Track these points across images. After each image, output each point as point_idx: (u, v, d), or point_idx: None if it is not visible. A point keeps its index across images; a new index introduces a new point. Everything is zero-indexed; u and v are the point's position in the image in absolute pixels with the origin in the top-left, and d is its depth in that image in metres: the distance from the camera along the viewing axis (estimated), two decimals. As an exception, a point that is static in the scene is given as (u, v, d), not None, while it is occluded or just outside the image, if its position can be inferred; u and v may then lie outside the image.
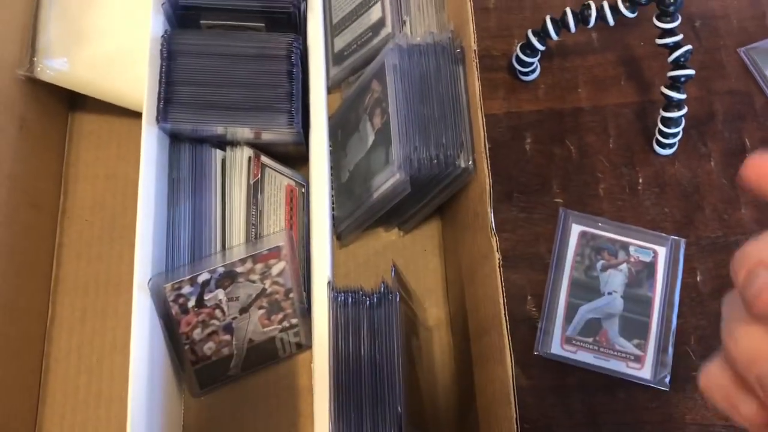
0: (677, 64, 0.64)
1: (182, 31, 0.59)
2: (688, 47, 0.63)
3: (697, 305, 0.66)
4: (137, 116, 0.56)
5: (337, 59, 0.70)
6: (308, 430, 0.60)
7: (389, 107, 0.57)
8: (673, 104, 0.66)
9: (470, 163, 0.56)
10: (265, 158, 0.62)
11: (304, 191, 0.65)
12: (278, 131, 0.57)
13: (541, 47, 0.68)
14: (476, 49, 0.55)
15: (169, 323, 0.54)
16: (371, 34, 0.66)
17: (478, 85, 0.55)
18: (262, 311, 0.58)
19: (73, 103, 0.71)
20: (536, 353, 0.64)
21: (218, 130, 0.57)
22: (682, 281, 0.66)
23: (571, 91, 0.74)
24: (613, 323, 0.64)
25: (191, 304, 0.54)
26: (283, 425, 0.60)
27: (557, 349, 0.64)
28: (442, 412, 0.62)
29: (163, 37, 0.57)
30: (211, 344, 0.57)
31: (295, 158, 0.65)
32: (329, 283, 0.52)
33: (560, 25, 0.66)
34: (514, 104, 0.73)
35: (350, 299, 0.51)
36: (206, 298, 0.55)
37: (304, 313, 0.60)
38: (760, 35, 0.76)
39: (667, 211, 0.69)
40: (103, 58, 0.65)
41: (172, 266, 0.56)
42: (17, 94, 0.61)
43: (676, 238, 0.67)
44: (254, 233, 0.59)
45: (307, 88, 0.59)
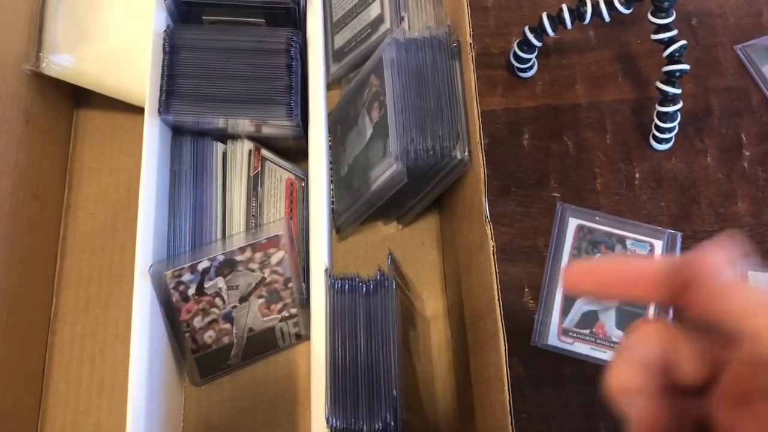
0: (672, 59, 0.64)
1: (184, 25, 0.60)
2: (682, 42, 0.64)
3: (693, 298, 0.66)
4: (141, 112, 0.57)
5: (337, 56, 0.71)
6: (306, 419, 0.60)
7: (387, 100, 0.58)
8: (668, 99, 0.66)
9: (466, 154, 0.56)
10: (265, 151, 0.63)
11: (304, 185, 0.66)
12: (277, 123, 0.58)
13: (537, 43, 0.69)
14: (472, 42, 0.56)
15: (169, 311, 0.55)
16: (370, 30, 0.67)
17: (474, 78, 0.55)
18: (261, 300, 0.59)
19: (78, 99, 0.72)
20: (533, 344, 0.64)
21: (219, 122, 0.58)
22: (678, 274, 0.66)
23: (568, 87, 0.75)
24: (609, 315, 0.65)
25: (191, 291, 0.55)
26: (281, 414, 0.61)
27: (554, 340, 0.64)
28: (439, 401, 0.62)
29: (165, 31, 0.58)
30: (211, 332, 0.58)
31: (295, 153, 0.67)
32: (326, 270, 0.53)
33: (556, 21, 0.67)
34: (512, 101, 0.74)
35: (347, 286, 0.52)
36: (206, 286, 0.56)
37: (303, 304, 0.61)
38: (756, 33, 0.76)
39: (663, 205, 0.70)
40: (108, 54, 0.66)
41: (173, 256, 0.57)
42: (23, 88, 0.62)
43: (672, 231, 0.68)
44: (254, 225, 0.60)
45: (306, 82, 0.60)
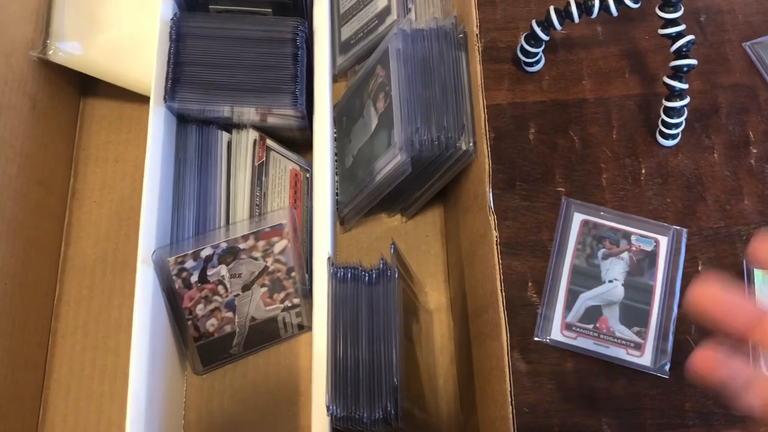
0: (680, 54, 0.64)
1: (191, 14, 0.61)
2: (690, 37, 0.63)
3: (698, 294, 0.65)
4: (148, 102, 0.57)
5: (343, 48, 0.71)
6: (307, 409, 0.60)
7: (392, 90, 0.58)
8: (675, 94, 0.66)
9: (471, 145, 0.56)
10: (270, 142, 0.63)
11: (308, 176, 0.66)
12: (282, 112, 0.58)
13: (545, 37, 0.69)
14: (478, 33, 0.56)
15: (172, 298, 0.55)
16: (377, 22, 0.67)
17: (479, 68, 0.55)
18: (264, 289, 0.59)
19: (85, 87, 0.73)
20: (536, 339, 0.64)
21: (224, 110, 0.58)
22: (683, 270, 0.66)
23: (575, 82, 0.74)
24: (613, 310, 0.65)
25: (194, 279, 0.55)
26: (282, 403, 0.61)
27: (557, 335, 0.64)
28: (441, 393, 0.62)
29: (172, 19, 0.58)
30: (213, 321, 0.58)
31: (300, 144, 0.67)
32: (329, 258, 0.53)
33: (564, 15, 0.67)
34: (518, 95, 0.74)
35: (349, 275, 0.52)
36: (209, 273, 0.56)
37: (306, 294, 0.61)
38: (765, 30, 0.76)
39: (669, 201, 0.69)
40: (115, 43, 0.66)
41: (176, 243, 0.57)
42: (30, 74, 0.62)
43: (678, 228, 0.67)
44: (258, 215, 0.60)
45: (312, 72, 0.60)
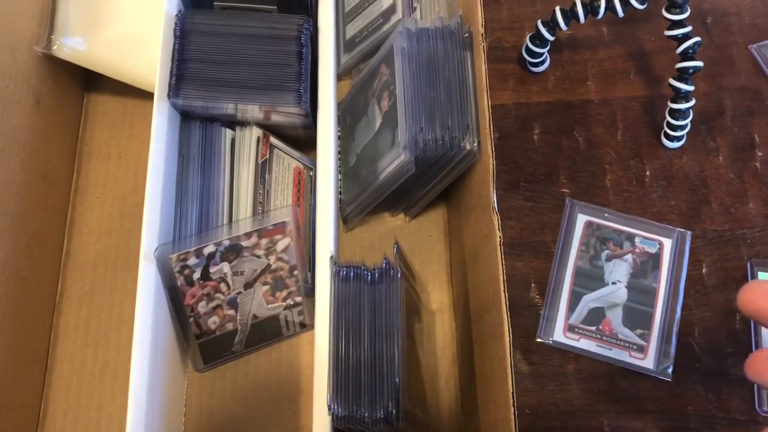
0: (685, 55, 0.64)
1: (196, 10, 0.60)
2: (696, 39, 0.63)
3: (701, 297, 0.65)
4: (152, 98, 0.57)
5: (347, 46, 0.71)
6: (308, 407, 0.60)
7: (396, 89, 0.58)
8: (681, 95, 0.66)
9: (475, 145, 0.56)
10: (273, 139, 0.63)
11: (312, 174, 0.66)
12: (286, 110, 0.58)
13: (550, 37, 0.69)
14: (483, 33, 0.56)
15: (174, 294, 0.55)
16: (382, 20, 0.67)
17: (485, 68, 0.55)
18: (266, 287, 0.59)
19: (88, 83, 0.73)
20: (539, 340, 0.64)
21: (228, 107, 0.58)
22: (687, 273, 0.66)
23: (580, 83, 0.74)
24: (616, 312, 0.64)
25: (196, 276, 0.55)
26: (284, 402, 0.61)
27: (560, 336, 0.64)
28: (443, 393, 0.62)
29: (177, 16, 0.58)
30: (215, 318, 0.58)
31: (304, 142, 0.66)
32: (332, 257, 0.53)
33: (569, 15, 0.67)
34: (523, 95, 0.74)
35: (352, 274, 0.52)
36: (211, 271, 0.56)
37: (308, 293, 0.61)
38: (771, 33, 0.76)
39: (673, 203, 0.69)
40: (120, 39, 0.66)
41: (178, 239, 0.57)
42: (34, 69, 0.62)
43: (682, 230, 0.67)
44: (261, 212, 0.60)
45: (316, 70, 0.60)
